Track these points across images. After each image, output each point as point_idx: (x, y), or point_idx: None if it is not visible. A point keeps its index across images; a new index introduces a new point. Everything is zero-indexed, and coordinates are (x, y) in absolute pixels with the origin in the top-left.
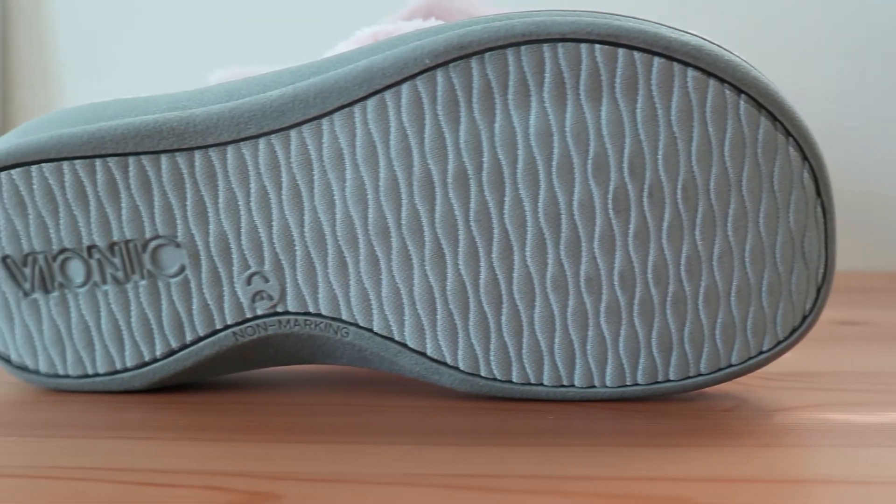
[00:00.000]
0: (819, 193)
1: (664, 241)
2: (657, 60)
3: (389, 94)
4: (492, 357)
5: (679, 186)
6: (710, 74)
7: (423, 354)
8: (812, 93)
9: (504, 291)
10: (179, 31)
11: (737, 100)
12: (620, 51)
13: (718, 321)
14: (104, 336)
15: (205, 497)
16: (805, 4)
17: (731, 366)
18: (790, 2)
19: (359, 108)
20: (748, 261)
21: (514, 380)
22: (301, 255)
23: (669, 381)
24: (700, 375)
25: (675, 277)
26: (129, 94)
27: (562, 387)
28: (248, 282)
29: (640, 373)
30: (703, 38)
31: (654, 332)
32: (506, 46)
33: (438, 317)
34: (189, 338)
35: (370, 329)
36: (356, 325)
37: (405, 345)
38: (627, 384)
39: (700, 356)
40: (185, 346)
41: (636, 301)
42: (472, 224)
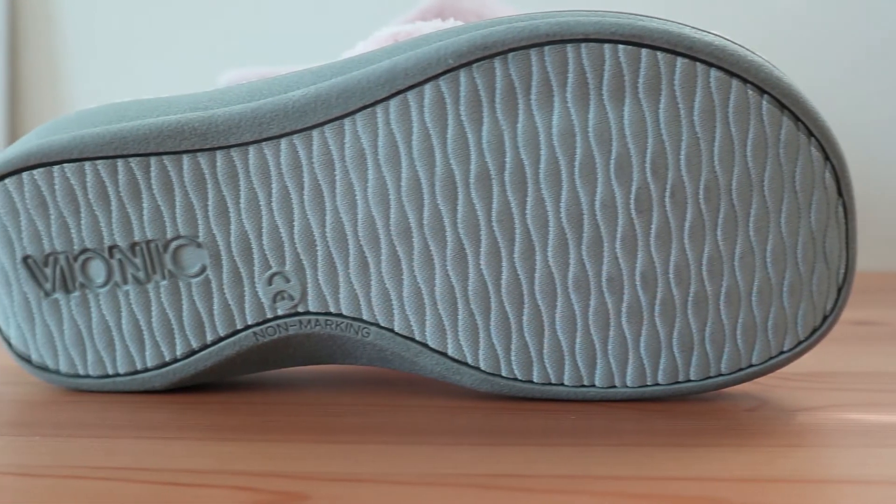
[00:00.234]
0: (840, 193)
1: (686, 242)
2: (680, 61)
3: (412, 95)
4: (513, 357)
5: (701, 186)
6: (734, 75)
7: (444, 354)
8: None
9: (526, 291)
10: (189, 32)
11: (759, 100)
12: (644, 51)
13: (739, 321)
14: (125, 336)
15: (233, 497)
16: (810, 6)
17: (752, 366)
18: (795, 3)
19: (381, 109)
20: (769, 261)
21: (535, 380)
22: (322, 255)
23: (690, 381)
24: (721, 375)
25: (697, 277)
26: (133, 96)
27: (582, 387)
28: (270, 282)
29: (661, 373)
30: (727, 39)
31: (676, 332)
32: (529, 47)
33: (460, 317)
34: (210, 338)
35: (391, 329)
36: (377, 325)
37: (426, 345)
38: (648, 384)
39: (721, 356)
40: (206, 347)
41: (658, 301)
42: (495, 224)
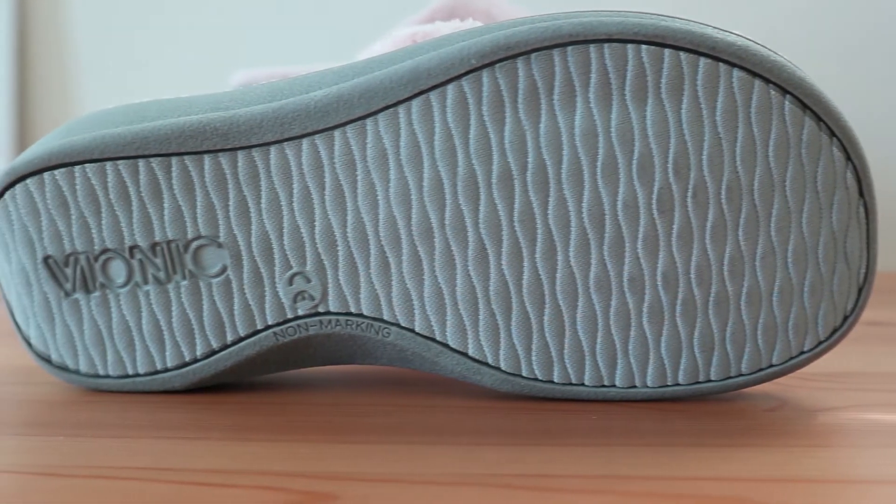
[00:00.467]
0: (862, 194)
1: (707, 242)
2: (703, 61)
3: (435, 95)
4: (533, 357)
5: (723, 187)
6: (756, 75)
7: (465, 355)
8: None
9: (547, 292)
10: (200, 33)
11: (782, 100)
12: (666, 51)
13: (760, 321)
14: (145, 336)
15: (260, 497)
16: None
17: (773, 366)
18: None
19: (403, 109)
20: (791, 261)
21: (556, 380)
22: (343, 256)
23: (710, 382)
24: (741, 376)
25: (718, 278)
26: (139, 97)
27: (603, 387)
28: (290, 282)
29: (682, 373)
30: (749, 39)
31: (696, 333)
32: (552, 47)
33: (481, 317)
34: (230, 338)
35: (412, 329)
36: (398, 326)
37: (447, 345)
38: (668, 384)
39: (741, 356)
40: (226, 347)
41: (679, 301)
42: (516, 224)
